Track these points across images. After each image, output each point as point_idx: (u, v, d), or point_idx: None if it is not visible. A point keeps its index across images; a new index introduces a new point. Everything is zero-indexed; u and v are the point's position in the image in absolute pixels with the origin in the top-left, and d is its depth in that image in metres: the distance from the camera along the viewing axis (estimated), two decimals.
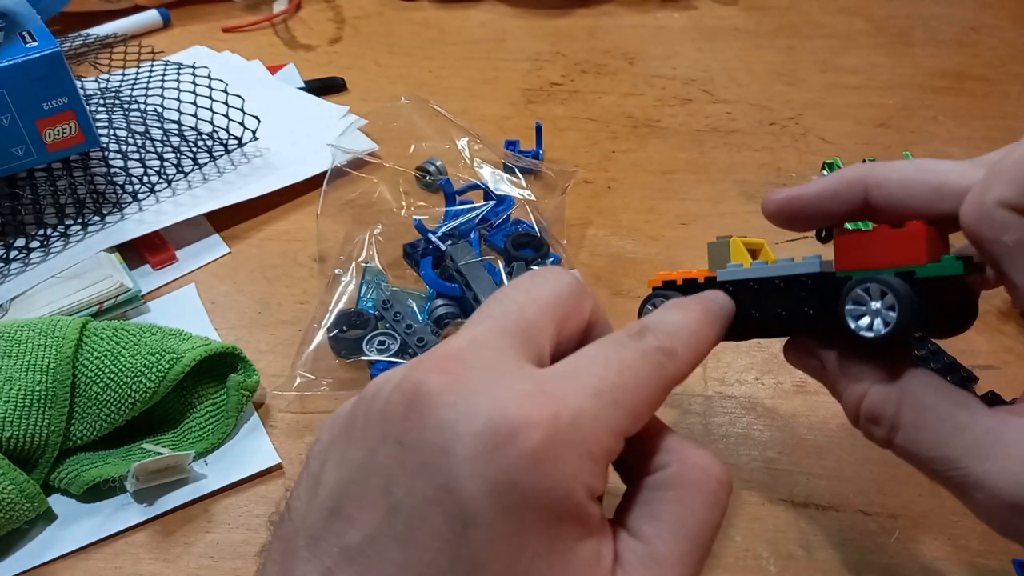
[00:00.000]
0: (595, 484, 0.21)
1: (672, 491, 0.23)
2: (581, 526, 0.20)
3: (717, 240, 0.33)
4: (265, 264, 0.54)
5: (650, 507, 0.23)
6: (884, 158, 0.58)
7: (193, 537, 0.39)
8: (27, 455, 0.40)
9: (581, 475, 0.20)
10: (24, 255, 0.52)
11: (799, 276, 0.29)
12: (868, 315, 0.27)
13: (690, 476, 0.23)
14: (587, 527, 0.21)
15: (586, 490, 0.20)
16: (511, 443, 0.19)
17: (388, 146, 0.62)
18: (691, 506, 0.23)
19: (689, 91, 0.70)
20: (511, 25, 0.81)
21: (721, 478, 0.23)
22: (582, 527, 0.20)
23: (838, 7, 0.83)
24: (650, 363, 0.23)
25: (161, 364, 0.41)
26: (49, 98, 0.51)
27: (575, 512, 0.20)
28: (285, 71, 0.74)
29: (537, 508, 0.19)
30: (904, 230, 0.26)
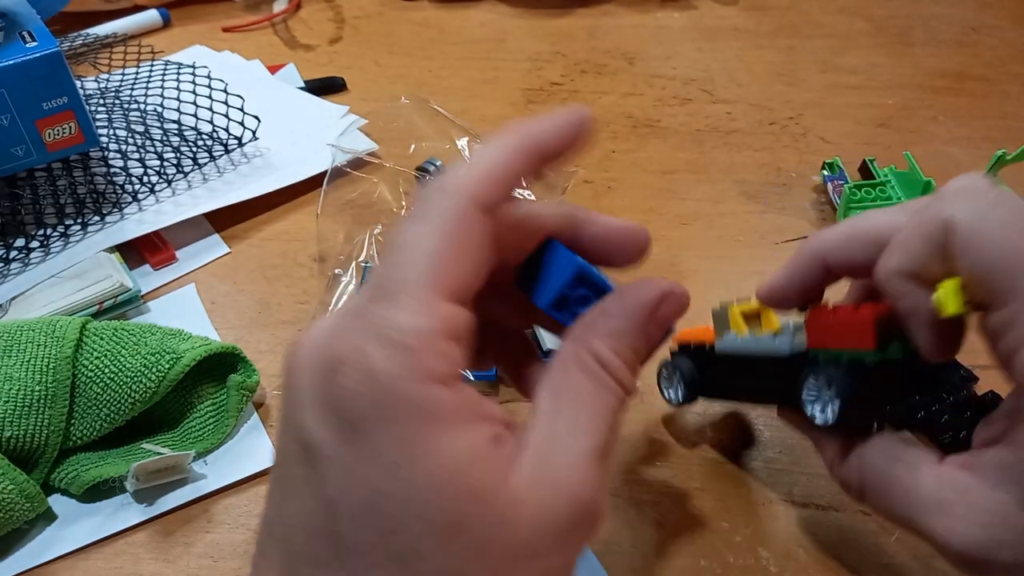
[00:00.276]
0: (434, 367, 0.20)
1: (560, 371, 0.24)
2: (432, 421, 0.20)
3: (720, 306, 0.36)
4: (265, 264, 0.54)
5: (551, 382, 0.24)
6: (884, 158, 0.58)
7: (193, 537, 0.39)
8: (27, 455, 0.40)
9: (400, 371, 0.20)
10: (24, 255, 0.52)
11: (772, 357, 0.33)
12: (820, 402, 0.31)
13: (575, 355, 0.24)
14: (442, 420, 0.20)
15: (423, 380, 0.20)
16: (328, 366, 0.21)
17: (388, 146, 0.62)
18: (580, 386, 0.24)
19: (689, 91, 0.70)
20: (511, 25, 0.81)
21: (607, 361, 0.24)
22: (435, 422, 0.20)
23: (838, 7, 0.83)
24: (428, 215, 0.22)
25: (161, 364, 0.41)
26: (49, 98, 0.51)
27: (413, 409, 0.20)
28: (285, 71, 0.74)
29: (363, 419, 0.20)
30: (856, 315, 0.29)
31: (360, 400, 0.20)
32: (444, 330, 0.21)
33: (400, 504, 0.20)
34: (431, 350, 0.20)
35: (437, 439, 0.20)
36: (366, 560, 0.20)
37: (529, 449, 0.22)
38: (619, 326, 0.25)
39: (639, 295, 0.25)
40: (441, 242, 0.22)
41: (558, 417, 0.23)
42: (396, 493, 0.20)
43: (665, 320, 0.26)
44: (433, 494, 0.20)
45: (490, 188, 0.23)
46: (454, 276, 0.22)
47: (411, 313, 0.21)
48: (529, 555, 0.21)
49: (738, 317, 0.35)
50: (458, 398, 0.21)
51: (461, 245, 0.22)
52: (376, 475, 0.20)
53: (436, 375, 0.20)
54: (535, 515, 0.21)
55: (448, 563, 0.20)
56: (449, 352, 0.21)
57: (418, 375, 0.20)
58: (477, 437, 0.21)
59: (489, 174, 0.23)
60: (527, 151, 0.24)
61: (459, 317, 0.21)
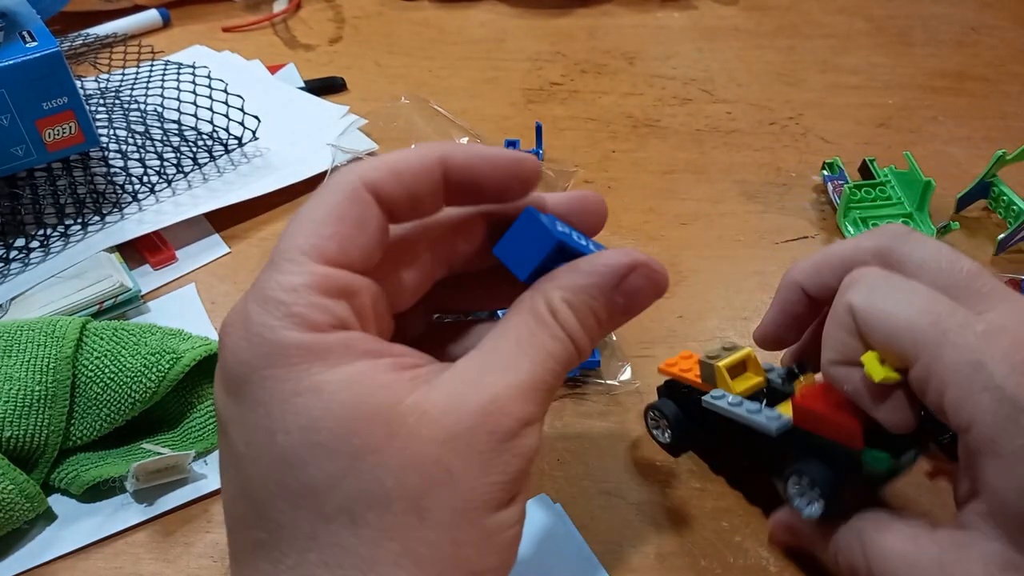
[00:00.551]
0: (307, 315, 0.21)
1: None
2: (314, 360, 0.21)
3: (706, 358, 0.37)
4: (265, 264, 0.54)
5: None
6: (884, 158, 0.58)
7: (193, 537, 0.39)
8: (27, 455, 0.40)
9: (276, 323, 0.21)
10: (24, 255, 0.52)
11: (759, 432, 0.34)
12: (807, 495, 0.33)
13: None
14: (322, 358, 0.21)
15: (299, 326, 0.21)
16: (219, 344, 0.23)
17: (388, 146, 0.62)
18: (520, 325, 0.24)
19: (689, 91, 0.70)
20: (511, 25, 0.81)
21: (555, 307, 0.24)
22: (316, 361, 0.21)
23: (838, 7, 0.83)
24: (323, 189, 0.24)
25: (161, 364, 0.41)
26: (49, 98, 0.51)
27: (292, 352, 0.21)
28: (285, 71, 0.74)
29: (247, 371, 0.21)
30: (845, 417, 0.31)
31: (242, 355, 0.21)
32: (318, 286, 0.22)
33: (295, 437, 0.20)
34: (305, 302, 0.21)
35: (319, 373, 0.21)
36: (280, 505, 0.21)
37: (454, 371, 0.23)
38: (580, 281, 0.25)
39: (609, 257, 0.25)
40: (322, 213, 0.23)
41: (493, 353, 0.23)
42: (290, 428, 0.20)
43: (634, 292, 0.25)
44: (325, 420, 0.20)
45: (384, 176, 0.24)
46: (333, 242, 0.23)
47: (286, 273, 0.22)
48: (443, 472, 0.21)
49: (725, 376, 0.37)
50: (343, 340, 0.22)
51: (342, 217, 0.23)
52: (266, 420, 0.21)
53: (310, 323, 0.21)
54: (446, 431, 0.21)
55: (358, 486, 0.20)
56: (327, 306, 0.22)
57: (292, 323, 0.21)
58: (366, 366, 0.21)
59: (386, 165, 0.24)
60: (432, 158, 0.25)
61: (338, 277, 0.22)
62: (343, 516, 0.20)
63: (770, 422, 0.34)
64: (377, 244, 0.24)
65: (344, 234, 0.23)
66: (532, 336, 0.24)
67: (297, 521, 0.21)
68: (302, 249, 0.22)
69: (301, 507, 0.21)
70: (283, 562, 0.21)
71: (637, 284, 0.25)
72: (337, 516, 0.20)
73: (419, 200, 0.25)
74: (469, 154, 0.25)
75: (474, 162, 0.25)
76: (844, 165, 0.59)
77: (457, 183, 0.25)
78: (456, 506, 0.21)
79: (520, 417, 0.22)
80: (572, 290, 0.24)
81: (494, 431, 0.22)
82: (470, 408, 0.22)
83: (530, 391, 0.23)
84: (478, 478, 0.21)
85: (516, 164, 0.26)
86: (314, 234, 0.23)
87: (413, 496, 0.21)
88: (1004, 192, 0.54)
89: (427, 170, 0.25)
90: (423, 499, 0.21)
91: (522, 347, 0.23)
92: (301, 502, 0.20)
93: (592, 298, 0.25)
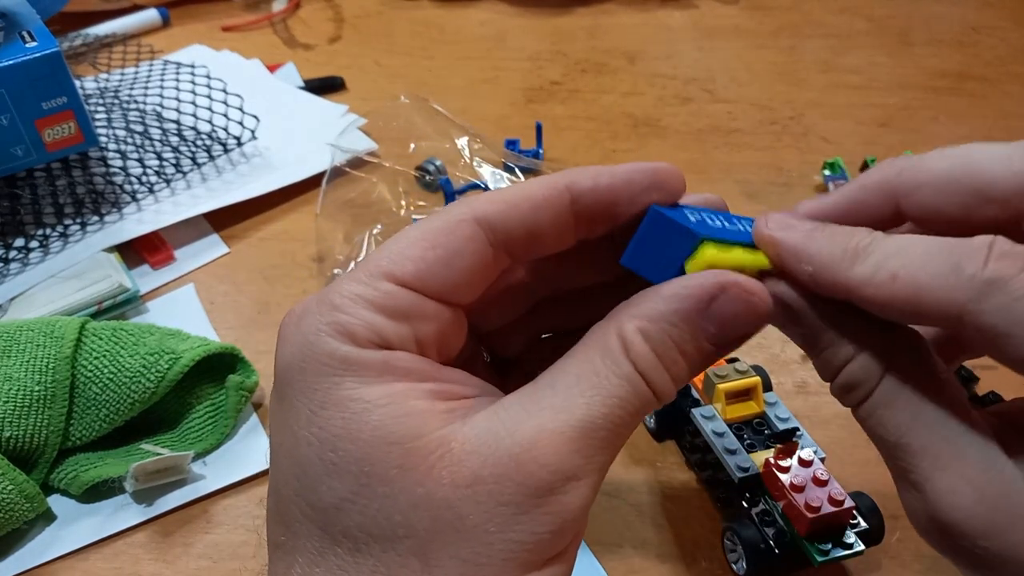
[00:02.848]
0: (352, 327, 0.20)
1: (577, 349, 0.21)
2: (347, 373, 0.20)
3: (714, 374, 0.38)
4: (264, 264, 0.54)
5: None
6: (885, 158, 0.58)
7: (192, 538, 0.39)
8: (26, 455, 0.40)
9: (323, 328, 0.20)
10: (23, 255, 0.52)
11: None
12: (735, 553, 0.36)
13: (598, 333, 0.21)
14: (356, 373, 0.20)
15: (341, 336, 0.20)
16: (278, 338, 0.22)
17: (388, 145, 0.61)
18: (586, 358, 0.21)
19: (690, 90, 0.70)
20: (511, 24, 0.81)
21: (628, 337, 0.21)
22: (349, 374, 0.20)
23: (839, 7, 0.82)
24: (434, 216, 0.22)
25: (160, 364, 0.41)
26: (48, 98, 0.51)
27: (328, 360, 0.20)
28: (284, 70, 0.74)
29: (289, 370, 0.21)
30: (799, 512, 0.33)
31: (287, 351, 0.21)
32: (378, 303, 0.21)
33: (315, 450, 0.20)
34: (356, 314, 0.20)
35: (351, 388, 0.20)
36: (295, 512, 0.20)
37: (494, 408, 0.20)
38: (659, 309, 0.21)
39: (694, 279, 0.21)
40: (417, 235, 0.22)
41: (546, 389, 0.20)
42: (312, 440, 0.20)
43: (726, 319, 0.21)
44: (344, 440, 0.19)
45: (500, 209, 0.22)
46: (412, 265, 0.21)
47: (354, 282, 0.21)
48: (455, 518, 0.19)
49: (722, 399, 0.38)
50: (382, 358, 0.20)
51: (434, 245, 0.21)
52: (295, 425, 0.20)
53: (353, 335, 0.20)
54: (467, 474, 0.19)
55: (364, 515, 0.19)
56: (379, 324, 0.20)
57: (335, 331, 0.20)
58: (402, 388, 0.20)
59: (503, 198, 0.22)
60: (557, 187, 0.22)
61: (403, 299, 0.21)
62: (348, 542, 0.19)
63: (738, 469, 0.36)
64: (473, 279, 0.22)
65: (429, 261, 0.21)
66: (595, 373, 0.20)
67: (309, 534, 0.20)
68: (380, 264, 0.21)
69: (312, 522, 0.20)
70: (294, 568, 0.20)
71: (729, 309, 0.21)
72: (342, 540, 0.19)
73: (540, 236, 0.22)
74: (599, 176, 0.22)
75: (605, 183, 0.22)
76: (845, 165, 0.58)
77: (589, 211, 0.22)
78: (466, 558, 0.19)
79: (559, 469, 0.19)
80: (650, 318, 0.20)
81: (524, 482, 0.19)
82: (500, 451, 0.19)
83: (580, 439, 0.19)
84: (497, 533, 0.19)
85: (654, 175, 0.23)
86: (399, 253, 0.21)
87: (420, 538, 0.19)
88: None
89: (550, 202, 0.22)
90: (430, 544, 0.19)
91: (581, 385, 0.20)
92: (313, 517, 0.20)
93: (674, 326, 0.20)
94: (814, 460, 0.35)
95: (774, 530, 0.35)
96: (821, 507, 0.33)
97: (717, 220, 0.23)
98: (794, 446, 0.35)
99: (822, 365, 0.23)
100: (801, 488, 0.34)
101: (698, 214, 0.22)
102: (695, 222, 0.22)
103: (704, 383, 0.38)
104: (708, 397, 0.39)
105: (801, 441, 0.37)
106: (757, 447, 0.37)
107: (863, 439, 0.27)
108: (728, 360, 0.40)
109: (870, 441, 0.26)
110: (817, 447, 0.37)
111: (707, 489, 0.39)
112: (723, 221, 0.23)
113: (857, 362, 0.22)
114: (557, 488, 0.19)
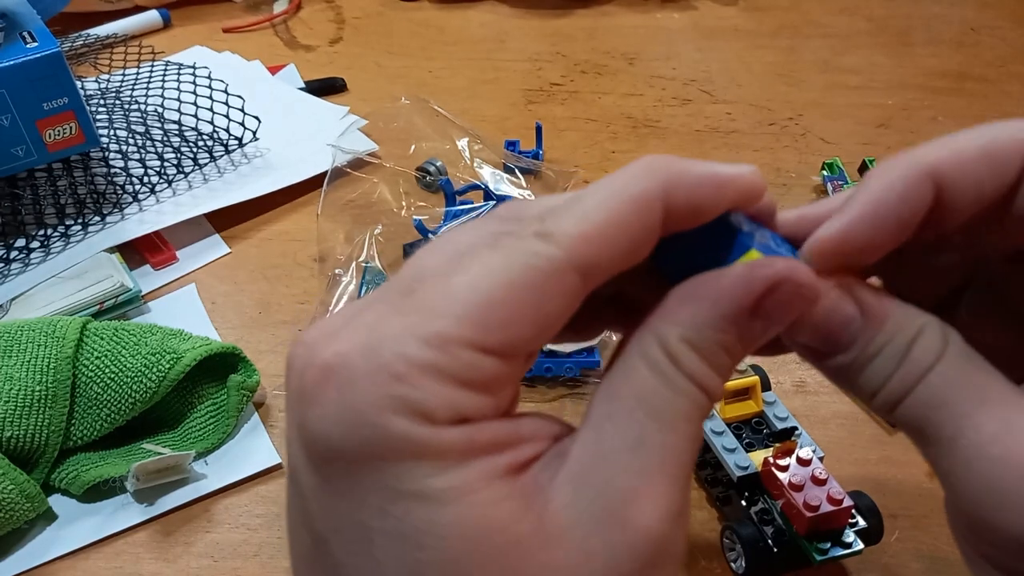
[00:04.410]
0: (429, 406, 0.16)
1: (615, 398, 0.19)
2: (422, 459, 0.17)
3: None
4: (265, 264, 0.54)
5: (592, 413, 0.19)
6: (884, 158, 0.58)
7: (193, 537, 0.39)
8: (27, 455, 0.40)
9: (387, 403, 0.16)
10: (24, 255, 0.52)
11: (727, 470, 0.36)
12: (735, 552, 0.36)
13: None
14: (434, 458, 0.17)
15: (414, 416, 0.16)
16: (302, 389, 0.17)
17: (388, 146, 0.62)
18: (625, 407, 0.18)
19: (689, 91, 0.70)
20: (511, 25, 0.81)
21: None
22: (425, 460, 0.17)
23: (838, 7, 0.83)
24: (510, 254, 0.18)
25: (161, 364, 0.41)
26: (49, 98, 0.51)
27: (399, 446, 0.16)
28: (285, 71, 0.74)
29: (336, 452, 0.17)
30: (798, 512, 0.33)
31: (332, 425, 0.17)
32: (459, 377, 0.17)
33: (396, 553, 0.17)
34: (433, 393, 0.17)
35: (429, 476, 0.17)
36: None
37: (570, 465, 0.18)
38: (703, 314, 0.18)
39: (741, 275, 0.18)
40: (498, 286, 0.17)
41: (612, 426, 0.18)
42: (388, 543, 0.17)
43: (776, 312, 0.19)
44: (431, 539, 0.17)
45: (598, 250, 0.18)
46: (504, 336, 0.17)
47: (424, 344, 0.17)
48: None
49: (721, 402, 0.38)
50: (462, 439, 0.17)
51: (528, 305, 0.17)
52: (359, 516, 0.17)
53: (429, 416, 0.17)
54: (576, 552, 0.17)
55: None
56: (458, 401, 0.17)
57: (407, 412, 0.16)
58: (482, 472, 0.17)
59: (601, 233, 0.18)
60: (654, 205, 0.18)
61: (490, 371, 0.17)
62: None
63: (736, 468, 0.36)
64: (557, 328, 0.18)
65: (521, 326, 0.17)
66: (653, 396, 0.18)
67: None
68: (457, 322, 0.17)
69: None
70: None
71: (779, 305, 0.19)
72: None
73: (628, 258, 0.19)
74: (695, 189, 0.19)
75: (703, 195, 0.19)
76: (844, 165, 0.58)
77: (676, 220, 0.19)
78: None
79: (663, 515, 0.17)
80: (694, 327, 0.18)
81: (638, 543, 0.17)
82: (598, 514, 0.17)
83: (671, 475, 0.18)
84: None
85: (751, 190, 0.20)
86: (480, 310, 0.17)
87: None
88: None
89: (642, 221, 0.18)
90: None
91: (644, 413, 0.18)
92: None
93: (721, 332, 0.18)
94: (813, 459, 0.35)
95: (773, 529, 0.35)
96: (820, 506, 0.33)
97: (765, 235, 0.20)
98: (793, 445, 0.35)
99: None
100: (800, 487, 0.34)
101: (749, 223, 0.20)
102: (744, 231, 0.19)
103: None
104: None
105: (800, 440, 0.37)
106: (756, 446, 0.37)
107: (862, 438, 0.27)
108: (737, 368, 0.40)
109: (869, 441, 0.26)
110: (816, 446, 0.37)
111: (706, 488, 0.40)
112: (770, 239, 0.20)
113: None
114: (669, 537, 0.18)
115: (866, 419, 0.43)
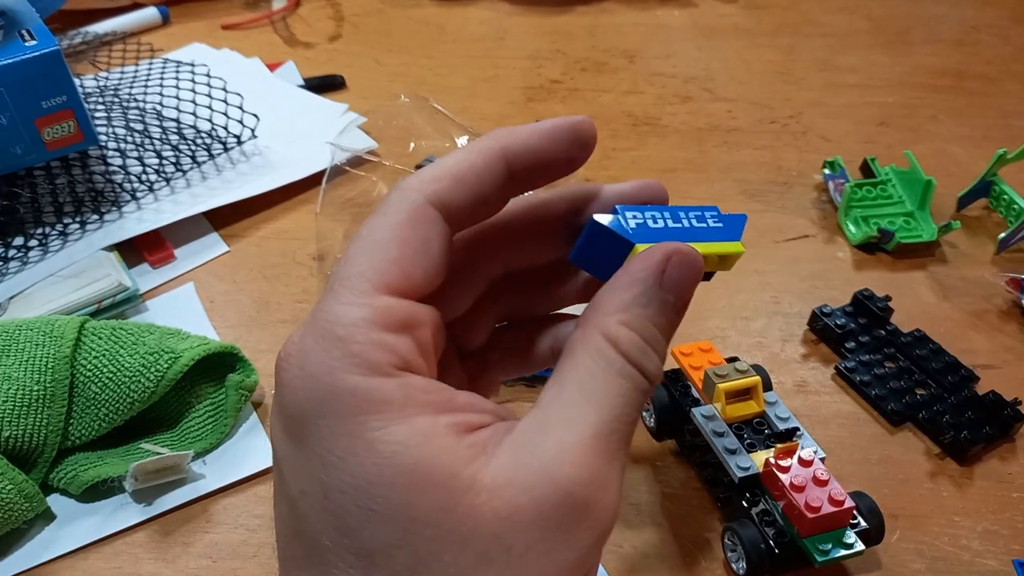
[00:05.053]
0: (370, 356, 0.20)
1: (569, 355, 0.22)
2: (371, 413, 0.19)
3: (714, 374, 0.38)
4: (264, 263, 0.54)
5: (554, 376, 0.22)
6: (885, 157, 0.58)
7: (192, 537, 0.39)
8: (26, 455, 0.40)
9: (336, 364, 0.20)
10: (22, 254, 0.52)
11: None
12: (735, 552, 0.36)
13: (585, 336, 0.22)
14: (379, 411, 0.19)
15: (359, 369, 0.20)
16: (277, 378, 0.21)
17: (388, 144, 0.61)
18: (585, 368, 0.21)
19: (689, 89, 0.70)
20: (511, 23, 0.81)
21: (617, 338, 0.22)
22: (373, 414, 0.19)
23: (838, 6, 0.82)
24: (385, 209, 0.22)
25: (160, 364, 0.41)
26: (48, 96, 0.51)
27: (350, 400, 0.19)
28: (284, 69, 0.74)
29: (303, 414, 0.20)
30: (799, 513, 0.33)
31: (298, 395, 0.20)
32: (381, 320, 0.20)
33: (350, 499, 0.19)
34: (366, 339, 0.20)
35: (378, 428, 0.19)
36: (333, 559, 0.20)
37: (514, 435, 0.21)
38: (627, 297, 0.22)
39: (642, 261, 0.23)
40: (385, 235, 0.21)
41: (552, 406, 0.21)
42: (345, 488, 0.19)
43: (676, 283, 0.23)
44: (380, 486, 0.19)
45: (448, 185, 0.22)
46: (396, 268, 0.21)
47: (346, 304, 0.20)
48: (502, 551, 0.19)
49: (722, 398, 0.38)
50: (402, 387, 0.20)
51: (407, 239, 0.21)
52: (321, 473, 0.20)
53: (370, 363, 0.20)
54: (506, 504, 0.19)
55: (414, 558, 0.19)
56: (389, 343, 0.20)
57: (351, 364, 0.20)
58: (427, 424, 0.20)
59: (449, 173, 0.22)
60: (495, 153, 0.23)
61: (401, 309, 0.21)
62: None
63: (738, 469, 0.36)
64: (442, 264, 0.22)
65: (408, 258, 0.21)
66: (593, 377, 0.21)
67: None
68: (364, 276, 0.21)
69: (357, 569, 0.20)
70: None
71: (675, 274, 0.23)
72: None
73: (485, 203, 0.23)
74: (529, 137, 0.24)
75: (535, 143, 0.24)
76: (845, 164, 0.58)
77: (521, 171, 0.23)
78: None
79: (590, 480, 0.20)
80: (625, 310, 0.22)
81: (562, 502, 0.20)
82: (532, 477, 0.20)
83: (599, 445, 0.20)
84: (544, 556, 0.19)
85: (573, 130, 0.24)
86: (377, 259, 0.21)
87: (471, 575, 0.19)
88: (1005, 191, 0.54)
89: (491, 168, 0.23)
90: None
91: (584, 393, 0.21)
92: (355, 562, 0.20)
93: (647, 309, 0.22)
94: (814, 460, 0.35)
95: (774, 530, 0.35)
96: (821, 507, 0.33)
97: (661, 220, 0.24)
98: (794, 446, 0.35)
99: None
100: (801, 488, 0.34)
101: (642, 214, 0.24)
102: (633, 229, 0.23)
103: (704, 383, 0.38)
104: (708, 397, 0.39)
105: (801, 441, 0.37)
106: (757, 447, 0.37)
107: (863, 438, 0.27)
108: (728, 359, 0.40)
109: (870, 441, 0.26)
110: (817, 447, 0.37)
111: (707, 489, 0.39)
112: (667, 219, 0.24)
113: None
114: (592, 499, 0.20)
115: (867, 419, 0.43)
